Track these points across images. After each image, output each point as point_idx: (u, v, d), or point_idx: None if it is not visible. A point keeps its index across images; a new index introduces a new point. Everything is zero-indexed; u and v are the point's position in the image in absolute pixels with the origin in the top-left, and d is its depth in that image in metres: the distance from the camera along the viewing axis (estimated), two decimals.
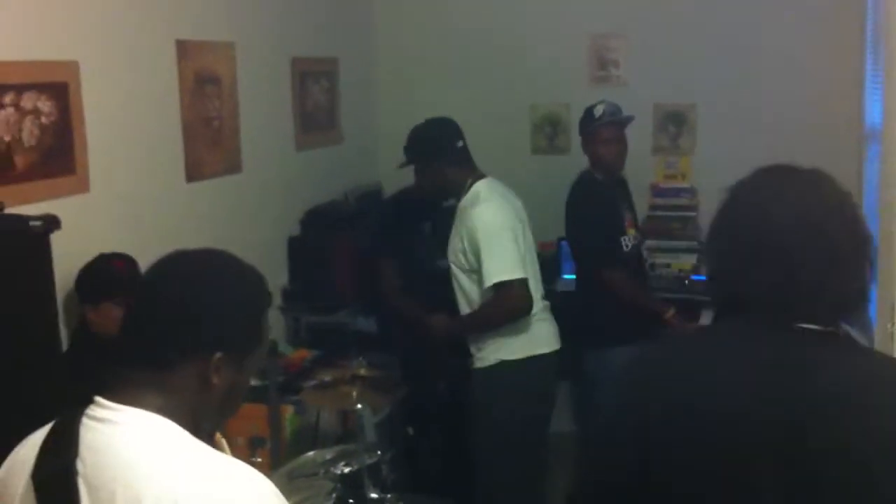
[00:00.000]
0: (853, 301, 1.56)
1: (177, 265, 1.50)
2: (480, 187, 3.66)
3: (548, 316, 3.75)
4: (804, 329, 1.50)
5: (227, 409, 1.52)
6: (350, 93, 5.33)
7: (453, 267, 3.66)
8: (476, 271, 3.54)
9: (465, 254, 3.58)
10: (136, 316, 1.46)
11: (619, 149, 4.21)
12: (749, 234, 1.55)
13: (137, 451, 1.35)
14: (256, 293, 1.53)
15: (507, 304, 3.52)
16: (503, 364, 3.60)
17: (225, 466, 1.37)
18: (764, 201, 1.56)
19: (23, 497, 1.40)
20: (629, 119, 4.25)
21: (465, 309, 3.68)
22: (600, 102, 4.21)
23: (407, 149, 3.83)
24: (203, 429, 1.45)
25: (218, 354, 1.43)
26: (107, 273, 3.08)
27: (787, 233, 1.51)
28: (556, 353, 3.70)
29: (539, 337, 3.66)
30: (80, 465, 1.35)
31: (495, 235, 3.51)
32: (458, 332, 3.72)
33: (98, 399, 1.41)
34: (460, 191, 3.67)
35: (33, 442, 1.44)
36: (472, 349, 3.66)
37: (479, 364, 3.64)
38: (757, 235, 1.54)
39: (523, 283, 3.50)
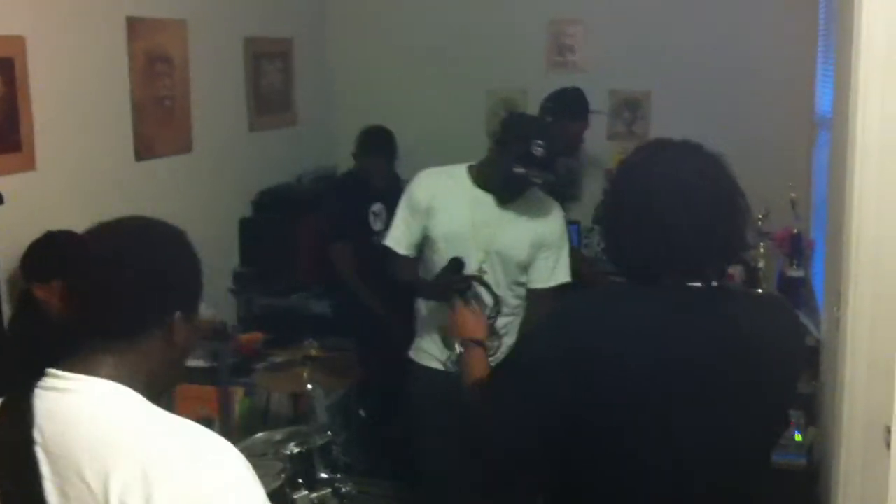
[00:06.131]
0: (731, 254, 1.80)
1: (119, 237, 1.49)
2: None
3: None
4: (690, 287, 1.70)
5: (182, 363, 1.56)
6: (305, 74, 5.28)
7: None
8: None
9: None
10: (94, 292, 1.44)
11: None
12: (627, 211, 1.75)
13: (100, 420, 1.35)
14: (190, 246, 1.55)
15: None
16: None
17: (189, 431, 1.37)
18: (636, 180, 1.76)
19: None
20: None
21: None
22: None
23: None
24: (160, 388, 1.48)
25: (178, 314, 1.46)
26: (58, 251, 3.03)
27: (657, 202, 1.69)
28: None
29: None
30: (37, 435, 1.34)
31: None
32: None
33: (51, 371, 1.40)
34: None
35: None
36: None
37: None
38: (634, 208, 1.73)
39: None
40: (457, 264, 3.13)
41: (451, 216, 3.22)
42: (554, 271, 3.31)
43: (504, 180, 3.17)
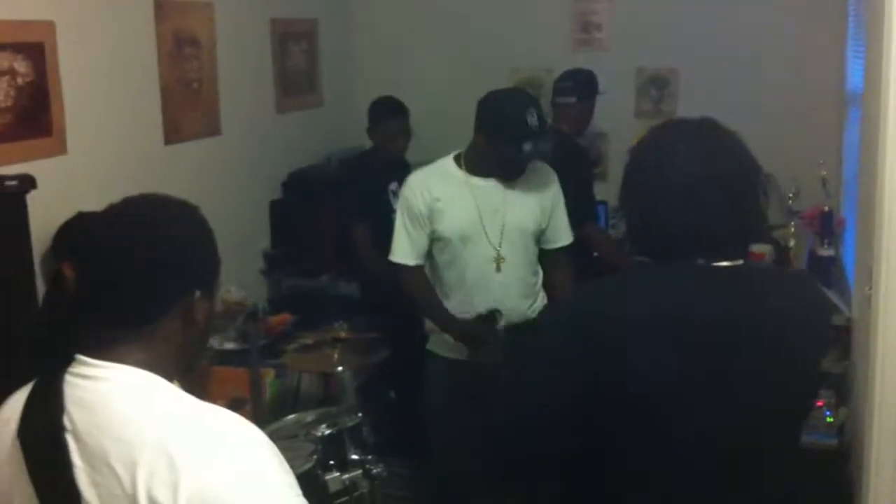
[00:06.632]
0: (754, 232, 1.79)
1: (126, 220, 1.45)
2: None
3: None
4: (716, 266, 1.68)
5: (206, 339, 1.54)
6: (330, 55, 5.28)
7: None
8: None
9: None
10: (106, 278, 1.41)
11: None
12: (653, 188, 1.72)
13: (129, 408, 1.35)
14: (203, 221, 1.51)
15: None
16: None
17: (216, 418, 1.37)
18: (661, 157, 1.73)
19: (9, 455, 1.39)
20: None
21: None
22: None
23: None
24: (185, 368, 1.47)
25: (197, 293, 1.44)
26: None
27: (685, 179, 1.67)
28: None
29: None
30: (67, 422, 1.35)
31: None
32: None
33: (80, 357, 1.40)
34: None
35: (14, 402, 1.43)
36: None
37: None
38: (659, 188, 1.70)
39: None
40: (494, 317, 3.13)
41: (457, 212, 3.20)
42: (568, 224, 3.37)
43: (509, 162, 3.15)
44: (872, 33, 2.88)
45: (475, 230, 3.19)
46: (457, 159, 3.25)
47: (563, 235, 3.38)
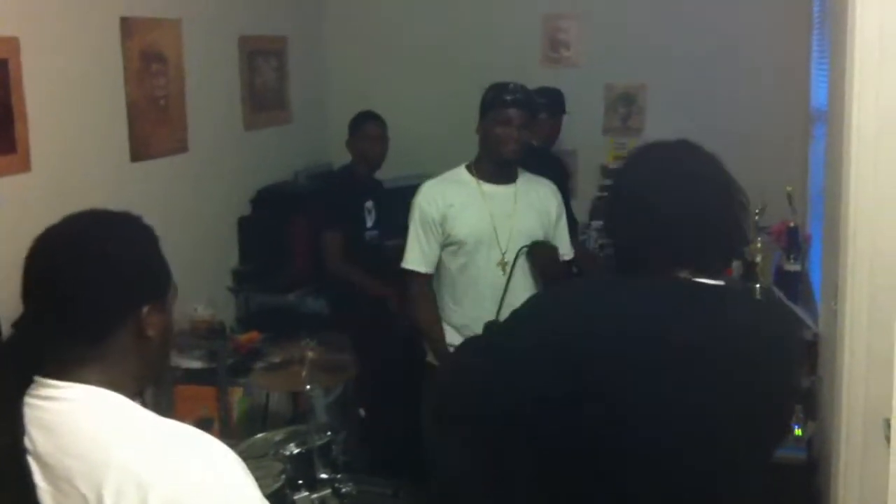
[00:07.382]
0: (731, 247, 1.82)
1: (63, 238, 1.43)
2: None
3: None
4: (694, 282, 1.71)
5: (165, 354, 1.52)
6: (300, 72, 5.27)
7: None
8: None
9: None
10: (47, 298, 1.40)
11: None
12: (626, 199, 1.79)
13: (91, 427, 1.34)
14: (147, 230, 1.50)
15: None
16: None
17: (183, 437, 1.36)
18: (635, 171, 1.81)
19: None
20: None
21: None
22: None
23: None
24: (152, 382, 1.45)
25: (146, 308, 1.42)
26: None
27: (654, 193, 1.72)
28: None
29: None
30: (28, 443, 1.33)
31: None
32: None
33: (39, 378, 1.38)
34: None
35: None
36: None
37: None
38: (631, 198, 1.77)
39: None
40: None
41: (470, 217, 3.26)
42: (570, 241, 3.46)
43: (504, 137, 3.20)
44: (836, 51, 2.92)
45: (488, 234, 3.26)
46: (468, 168, 3.34)
47: (564, 249, 3.43)
